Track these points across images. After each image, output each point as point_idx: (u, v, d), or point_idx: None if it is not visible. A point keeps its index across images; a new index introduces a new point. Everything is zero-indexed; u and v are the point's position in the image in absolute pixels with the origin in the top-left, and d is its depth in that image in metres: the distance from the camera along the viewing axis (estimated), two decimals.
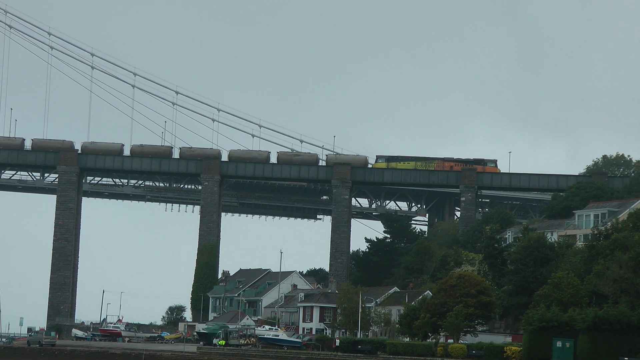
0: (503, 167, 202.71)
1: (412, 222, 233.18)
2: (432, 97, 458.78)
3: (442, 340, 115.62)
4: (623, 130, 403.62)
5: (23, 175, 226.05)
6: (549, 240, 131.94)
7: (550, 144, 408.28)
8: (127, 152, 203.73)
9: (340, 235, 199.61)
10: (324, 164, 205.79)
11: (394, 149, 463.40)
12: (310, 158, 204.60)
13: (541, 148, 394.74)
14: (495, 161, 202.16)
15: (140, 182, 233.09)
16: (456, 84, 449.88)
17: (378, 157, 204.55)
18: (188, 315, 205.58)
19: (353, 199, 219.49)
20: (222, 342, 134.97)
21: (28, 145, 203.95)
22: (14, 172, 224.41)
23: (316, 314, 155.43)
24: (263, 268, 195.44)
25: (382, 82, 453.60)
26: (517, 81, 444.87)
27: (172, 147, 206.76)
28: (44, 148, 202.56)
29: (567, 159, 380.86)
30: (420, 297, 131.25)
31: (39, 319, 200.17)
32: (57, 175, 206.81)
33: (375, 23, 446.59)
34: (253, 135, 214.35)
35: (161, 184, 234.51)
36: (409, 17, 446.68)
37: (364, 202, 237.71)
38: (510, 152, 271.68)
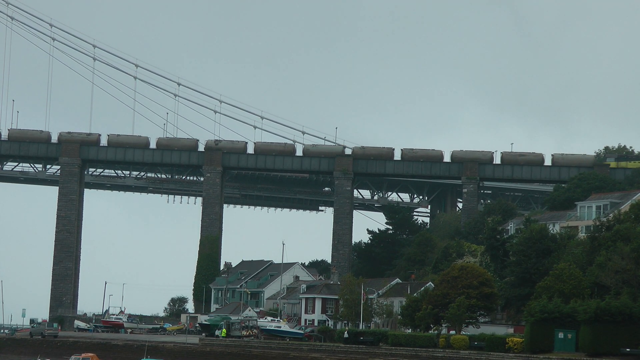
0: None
1: (414, 213, 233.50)
2: (431, 89, 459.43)
3: (444, 331, 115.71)
4: (620, 121, 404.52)
5: (25, 167, 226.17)
6: (551, 231, 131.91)
7: (547, 134, 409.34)
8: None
9: (342, 227, 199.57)
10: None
11: (395, 141, 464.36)
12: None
13: (538, 139, 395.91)
14: None
15: (142, 173, 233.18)
16: (453, 75, 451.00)
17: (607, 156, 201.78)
18: (190, 306, 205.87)
19: (355, 191, 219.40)
20: (224, 334, 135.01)
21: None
22: (16, 163, 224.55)
23: (318, 305, 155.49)
24: (265, 259, 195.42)
25: (383, 74, 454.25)
26: (513, 72, 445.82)
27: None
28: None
29: (565, 149, 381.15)
30: (422, 289, 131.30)
31: (42, 311, 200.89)
32: (59, 167, 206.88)
33: (375, 15, 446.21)
34: (255, 127, 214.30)
35: (163, 176, 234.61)
36: (408, 9, 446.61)
37: (366, 193, 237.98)
38: (512, 144, 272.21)
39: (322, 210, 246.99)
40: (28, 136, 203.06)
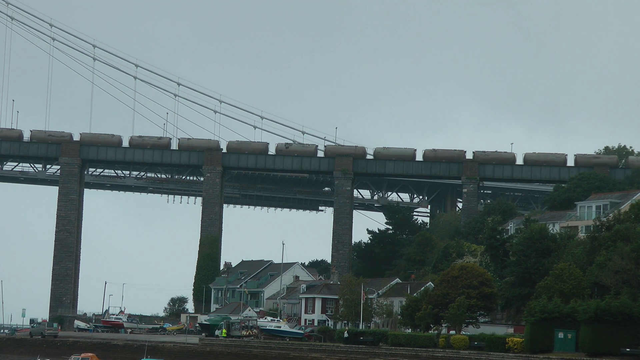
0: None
1: (414, 213, 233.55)
2: (430, 89, 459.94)
3: (444, 331, 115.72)
4: (618, 120, 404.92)
5: (25, 167, 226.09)
6: (551, 231, 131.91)
7: (545, 134, 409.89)
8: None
9: (342, 227, 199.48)
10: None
11: (395, 141, 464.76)
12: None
13: (537, 139, 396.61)
14: None
15: (142, 173, 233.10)
16: (452, 75, 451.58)
17: None
18: (190, 306, 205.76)
19: (355, 191, 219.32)
20: (224, 334, 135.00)
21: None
22: (15, 163, 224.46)
23: (318, 305, 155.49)
24: (265, 259, 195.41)
25: (382, 74, 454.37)
26: (511, 71, 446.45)
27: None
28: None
29: (563, 149, 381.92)
30: (422, 289, 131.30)
31: (42, 311, 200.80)
32: (59, 167, 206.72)
33: (374, 15, 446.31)
34: (254, 127, 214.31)
35: (163, 176, 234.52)
36: (407, 10, 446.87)
37: (365, 193, 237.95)
38: (512, 144, 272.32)
39: (322, 210, 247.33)
40: (100, 140, 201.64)
